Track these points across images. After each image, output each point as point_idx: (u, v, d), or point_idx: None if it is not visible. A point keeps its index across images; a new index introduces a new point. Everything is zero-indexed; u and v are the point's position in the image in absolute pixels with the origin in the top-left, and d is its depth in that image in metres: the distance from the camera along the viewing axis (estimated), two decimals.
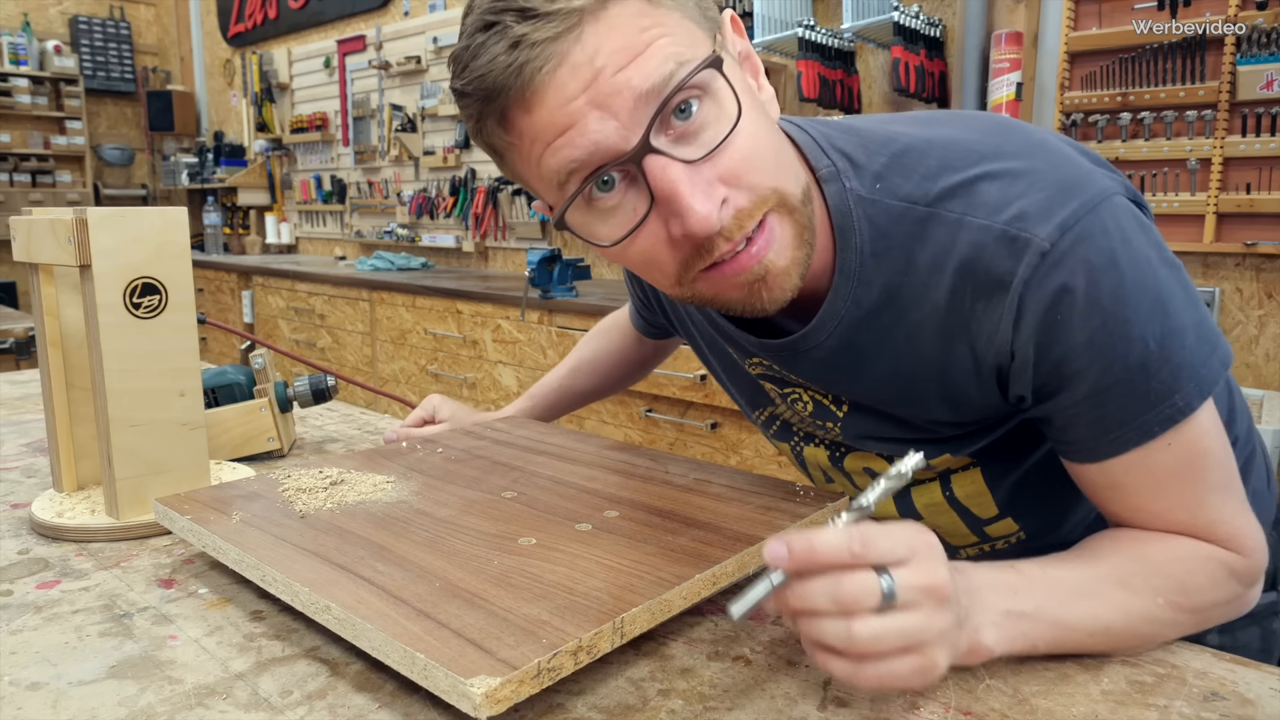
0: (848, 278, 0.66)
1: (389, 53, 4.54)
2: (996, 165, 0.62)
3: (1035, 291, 0.59)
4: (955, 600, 0.51)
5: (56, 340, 0.90)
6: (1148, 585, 0.62)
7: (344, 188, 5.06)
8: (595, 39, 0.53)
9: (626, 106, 0.54)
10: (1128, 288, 0.59)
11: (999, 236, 0.60)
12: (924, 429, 0.74)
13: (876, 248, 0.65)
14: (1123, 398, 0.61)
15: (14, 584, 0.73)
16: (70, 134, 6.27)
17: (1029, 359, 0.62)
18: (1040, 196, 0.60)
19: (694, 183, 0.55)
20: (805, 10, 2.70)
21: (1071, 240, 0.58)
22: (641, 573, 0.63)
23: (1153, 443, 0.62)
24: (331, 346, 4.09)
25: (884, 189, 0.64)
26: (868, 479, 0.81)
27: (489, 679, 0.49)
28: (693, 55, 0.55)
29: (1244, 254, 2.19)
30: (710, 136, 0.56)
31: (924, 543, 0.51)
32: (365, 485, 0.83)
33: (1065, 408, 0.63)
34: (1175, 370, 0.60)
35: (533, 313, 3.00)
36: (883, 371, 0.69)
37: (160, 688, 0.57)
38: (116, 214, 0.80)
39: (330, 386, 1.17)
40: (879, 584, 0.48)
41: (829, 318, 0.68)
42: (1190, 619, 0.64)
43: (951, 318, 0.64)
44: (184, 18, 6.49)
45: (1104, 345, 0.59)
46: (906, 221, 0.63)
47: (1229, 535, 0.64)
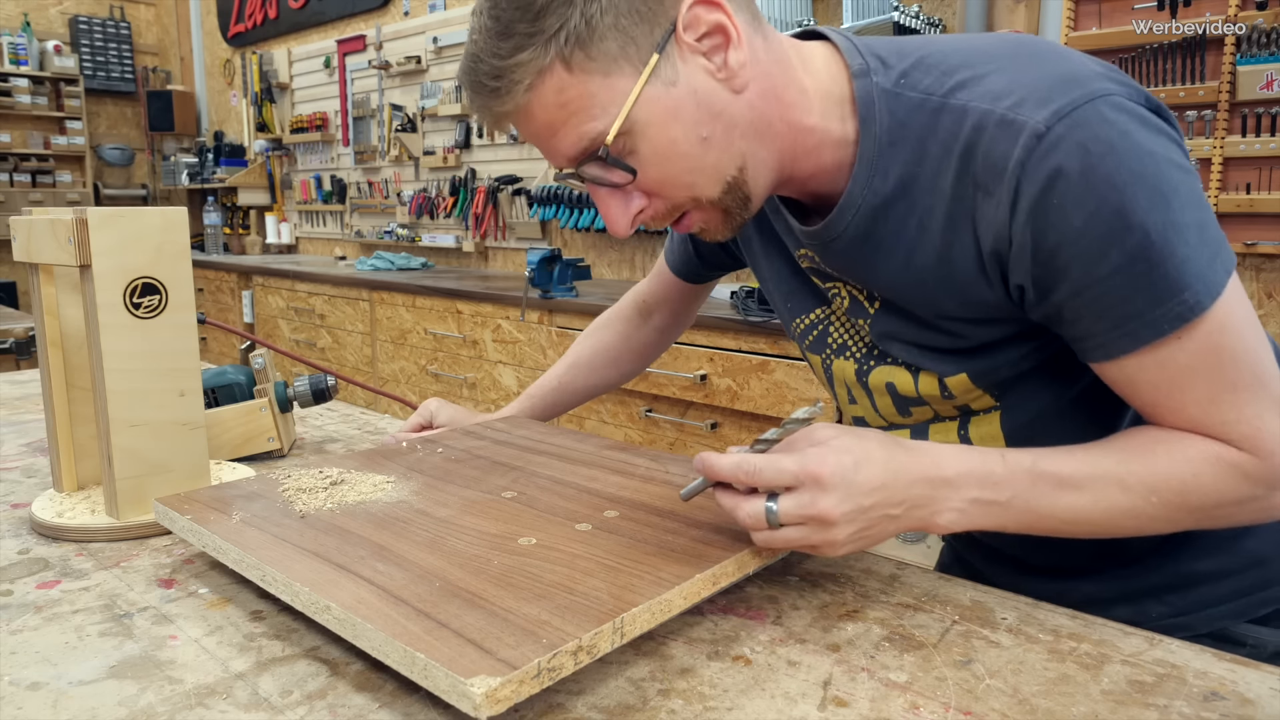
0: (866, 166, 0.71)
1: (389, 53, 4.54)
2: (1008, 62, 0.66)
3: (1030, 174, 0.62)
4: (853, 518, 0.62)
5: (56, 340, 0.90)
6: (1144, 484, 0.65)
7: (344, 188, 5.06)
8: (526, 125, 0.69)
9: (561, 159, 0.70)
10: (1125, 174, 0.60)
11: (998, 121, 0.63)
12: (943, 331, 0.75)
13: (894, 137, 0.69)
14: (1127, 288, 0.62)
15: (14, 584, 0.73)
16: (70, 134, 6.27)
17: (1026, 244, 0.64)
18: (1042, 86, 0.63)
19: (612, 201, 0.71)
20: (805, 10, 2.70)
21: (1067, 125, 0.61)
22: (641, 573, 0.63)
23: (1164, 340, 0.63)
24: (331, 346, 4.09)
25: (906, 83, 0.69)
26: (889, 401, 0.83)
27: (489, 679, 0.49)
28: (607, 120, 0.66)
29: (1244, 254, 2.19)
30: (631, 160, 0.68)
31: (812, 474, 0.61)
32: (365, 485, 0.83)
33: (1069, 299, 0.65)
34: (1180, 265, 0.61)
35: (533, 313, 3.00)
36: (898, 262, 0.73)
37: (160, 688, 0.57)
38: (116, 214, 0.80)
39: (330, 386, 1.17)
40: (764, 509, 0.62)
41: (848, 207, 0.73)
42: (1190, 517, 0.66)
43: (956, 204, 0.67)
44: (184, 18, 6.49)
45: (1100, 230, 0.61)
46: (922, 112, 0.68)
47: (1244, 435, 0.64)
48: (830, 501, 0.61)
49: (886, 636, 0.65)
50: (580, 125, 0.66)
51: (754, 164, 0.71)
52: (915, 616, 0.68)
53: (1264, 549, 0.80)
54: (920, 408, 0.81)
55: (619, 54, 0.65)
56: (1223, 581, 0.80)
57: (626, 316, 1.20)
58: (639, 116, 0.66)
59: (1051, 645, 0.64)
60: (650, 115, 0.66)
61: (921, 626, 0.67)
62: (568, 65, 0.65)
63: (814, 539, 0.63)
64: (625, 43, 0.65)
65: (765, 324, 2.27)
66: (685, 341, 2.50)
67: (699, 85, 0.67)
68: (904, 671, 0.60)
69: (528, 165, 3.92)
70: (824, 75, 0.72)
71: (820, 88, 0.72)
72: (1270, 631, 0.80)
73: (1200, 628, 0.80)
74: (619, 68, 0.65)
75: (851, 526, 0.63)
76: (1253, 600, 0.80)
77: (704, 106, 0.67)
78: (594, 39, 0.64)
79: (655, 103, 0.66)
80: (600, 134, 0.66)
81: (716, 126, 0.68)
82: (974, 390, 0.77)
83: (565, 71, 0.65)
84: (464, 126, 4.15)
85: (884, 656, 0.62)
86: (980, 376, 0.76)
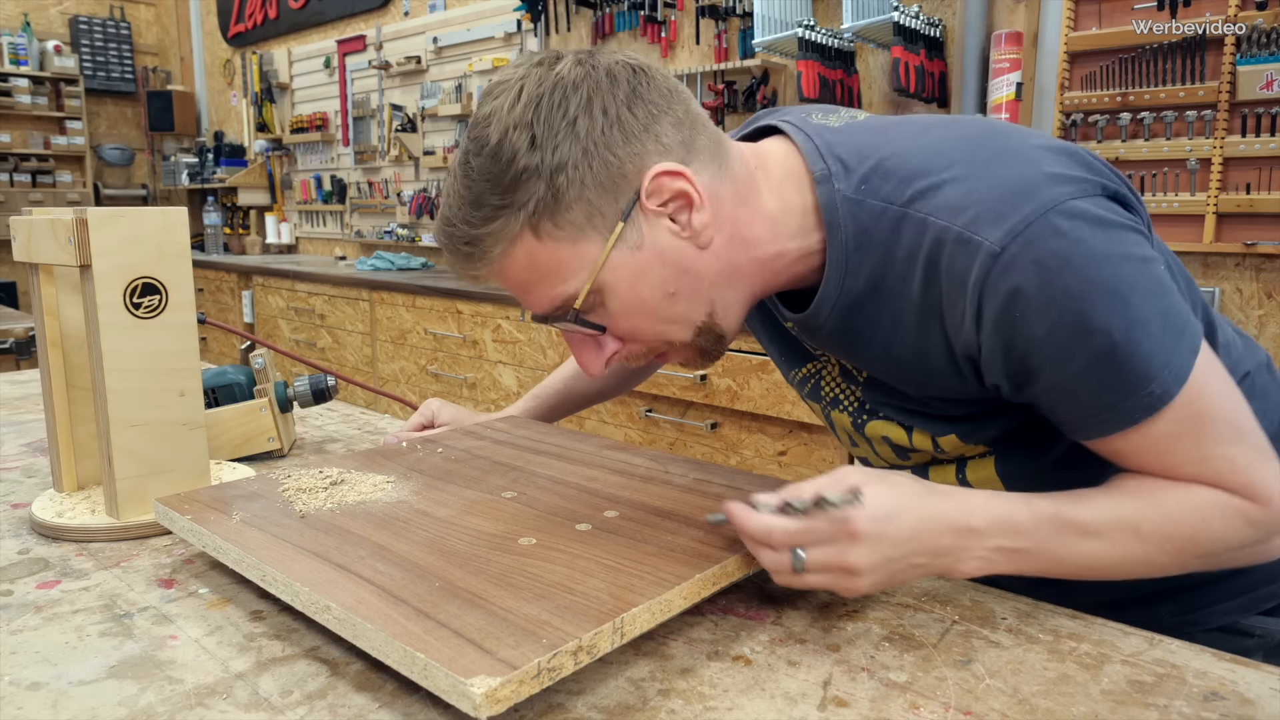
0: (836, 268, 0.73)
1: (389, 53, 4.54)
2: (963, 170, 0.67)
3: (990, 292, 0.64)
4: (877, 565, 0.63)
5: (56, 340, 0.90)
6: (1160, 533, 0.66)
7: (344, 188, 5.06)
8: (501, 282, 0.72)
9: (536, 310, 0.73)
10: (1082, 284, 0.62)
11: (956, 238, 0.65)
12: (930, 407, 0.78)
13: (860, 242, 0.71)
14: (1097, 385, 0.65)
15: (14, 584, 0.73)
16: (70, 134, 6.27)
17: (995, 351, 0.67)
18: (994, 199, 0.64)
19: (585, 346, 0.75)
20: (805, 10, 2.70)
21: (1021, 244, 0.63)
22: (641, 573, 0.63)
23: (1138, 426, 0.66)
24: (331, 346, 4.09)
25: (867, 190, 0.71)
26: (887, 448, 0.85)
27: (489, 679, 0.49)
28: (576, 283, 0.69)
29: (1244, 254, 2.19)
30: (599, 314, 0.72)
31: (848, 532, 0.62)
32: (365, 485, 0.83)
33: (1042, 394, 0.68)
34: (1146, 359, 0.63)
35: None
36: (879, 350, 0.75)
37: (160, 688, 0.57)
38: (116, 214, 0.80)
39: (330, 386, 1.17)
40: (789, 560, 0.64)
41: (824, 302, 0.75)
42: (1198, 562, 0.68)
43: (926, 308, 0.70)
44: (184, 18, 6.49)
45: (1064, 337, 0.63)
46: (885, 220, 0.70)
47: (1241, 484, 0.66)
48: (860, 554, 0.63)
49: (886, 636, 0.65)
50: (551, 288, 0.70)
51: (723, 306, 0.74)
52: (915, 616, 0.68)
53: None
54: (917, 454, 0.85)
55: (585, 223, 0.68)
56: (1230, 579, 0.81)
57: None
58: (607, 279, 0.69)
59: (1051, 645, 0.64)
60: (618, 278, 0.70)
61: (921, 626, 0.67)
62: (536, 234, 0.68)
63: (838, 585, 0.64)
64: (591, 212, 0.68)
65: None
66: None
67: (665, 246, 0.70)
68: (904, 671, 0.60)
69: None
70: (787, 187, 0.74)
71: (783, 204, 0.74)
72: (1278, 622, 0.82)
73: (1210, 623, 0.82)
74: (585, 235, 0.68)
75: (877, 575, 0.64)
76: (1259, 595, 0.82)
77: (670, 265, 0.70)
78: (561, 209, 0.67)
79: (622, 266, 0.69)
80: (570, 296, 0.70)
81: (684, 282, 0.71)
82: (966, 447, 0.80)
83: (534, 239, 0.68)
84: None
85: (884, 656, 0.62)
86: (970, 436, 0.79)
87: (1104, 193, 0.66)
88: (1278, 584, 0.82)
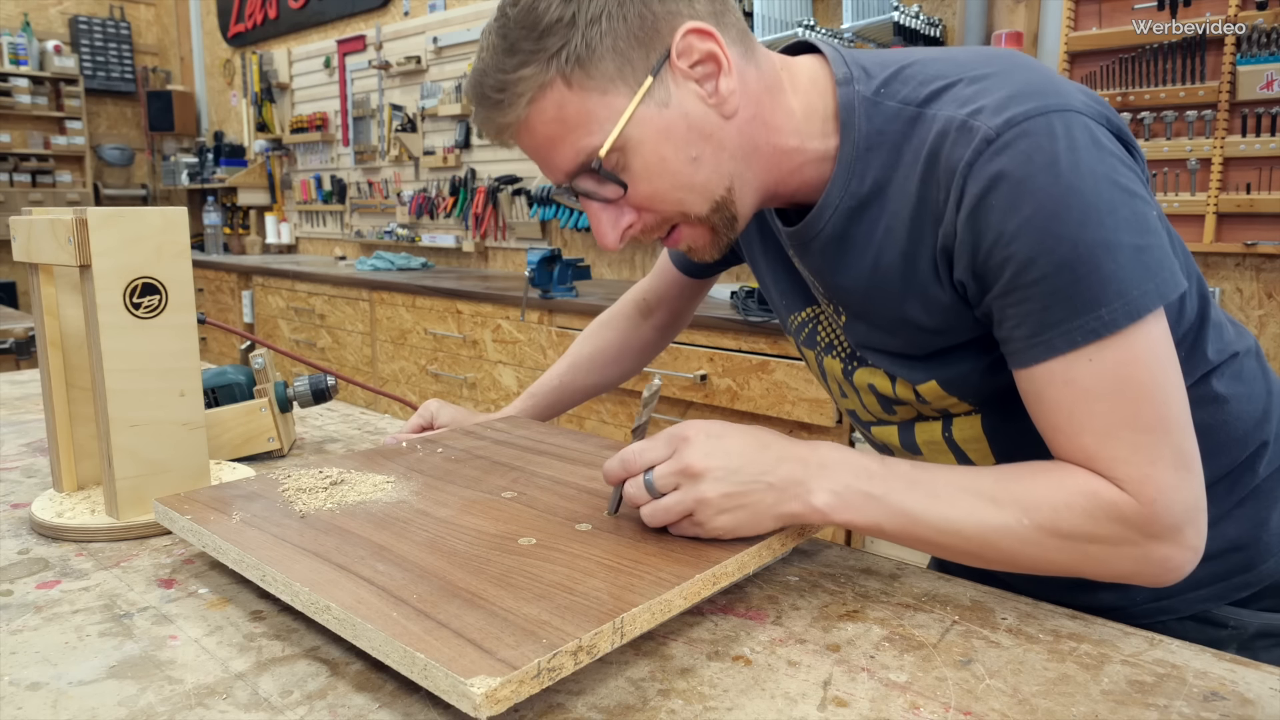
0: (845, 169, 0.75)
1: (389, 53, 4.54)
2: (979, 72, 0.69)
3: (976, 174, 0.65)
4: (720, 476, 0.66)
5: (56, 340, 0.90)
6: (1016, 504, 0.66)
7: (344, 188, 5.06)
8: (526, 138, 0.73)
9: (558, 173, 0.74)
10: (1062, 189, 0.62)
11: (959, 125, 0.67)
12: (904, 338, 0.78)
13: (871, 143, 0.73)
14: (1048, 297, 0.64)
15: (14, 584, 0.73)
16: (70, 134, 6.27)
17: (966, 240, 0.67)
18: (1005, 95, 0.66)
19: (603, 215, 0.74)
20: (805, 10, 2.70)
21: (1017, 133, 0.64)
22: (641, 573, 0.63)
23: (1075, 353, 0.64)
24: (331, 346, 4.09)
25: (886, 92, 0.73)
26: (873, 398, 0.86)
27: (489, 679, 0.49)
28: (602, 135, 0.70)
29: (1244, 254, 2.19)
30: (623, 176, 0.72)
31: (680, 439, 0.68)
32: (365, 485, 0.83)
33: (999, 298, 0.67)
34: (1103, 282, 0.62)
35: (533, 313, 3.00)
36: (867, 264, 0.76)
37: (160, 688, 0.57)
38: (116, 214, 0.80)
39: (330, 386, 1.17)
40: (644, 481, 0.68)
41: (826, 206, 0.76)
42: (1064, 547, 0.66)
43: (921, 206, 0.71)
44: (184, 18, 6.49)
45: (1031, 237, 0.63)
46: (899, 120, 0.72)
47: (1129, 477, 0.64)
48: (695, 454, 0.66)
49: (886, 636, 0.65)
50: (577, 141, 0.71)
51: (741, 185, 0.74)
52: (915, 616, 0.68)
53: (1242, 535, 0.81)
54: (903, 407, 0.84)
55: (616, 75, 0.69)
56: (1204, 566, 0.78)
57: (627, 315, 1.21)
58: (632, 134, 0.70)
59: (1051, 645, 0.64)
60: (643, 133, 0.70)
61: (921, 626, 0.67)
62: (568, 82, 0.69)
63: (688, 500, 0.66)
64: (622, 64, 0.69)
65: (765, 324, 2.27)
66: (685, 341, 2.49)
67: (690, 109, 0.71)
68: (904, 671, 0.60)
69: (528, 165, 3.92)
70: (811, 92, 0.76)
71: (807, 106, 0.75)
72: (1251, 614, 0.81)
73: (1183, 610, 0.82)
74: (615, 87, 0.69)
75: (722, 485, 0.66)
76: (1232, 584, 0.81)
77: (695, 129, 0.71)
78: (593, 59, 0.68)
79: (648, 122, 0.70)
80: (595, 149, 0.70)
81: (706, 148, 0.72)
82: (947, 398, 0.79)
83: (565, 88, 0.69)
84: (464, 126, 4.15)
85: (884, 656, 0.62)
86: (950, 385, 0.78)
87: (1110, 126, 0.67)
88: (1251, 573, 0.81)
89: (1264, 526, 0.81)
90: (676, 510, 0.67)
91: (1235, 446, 0.81)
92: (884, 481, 0.68)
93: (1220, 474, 0.80)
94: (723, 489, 0.66)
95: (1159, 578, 0.67)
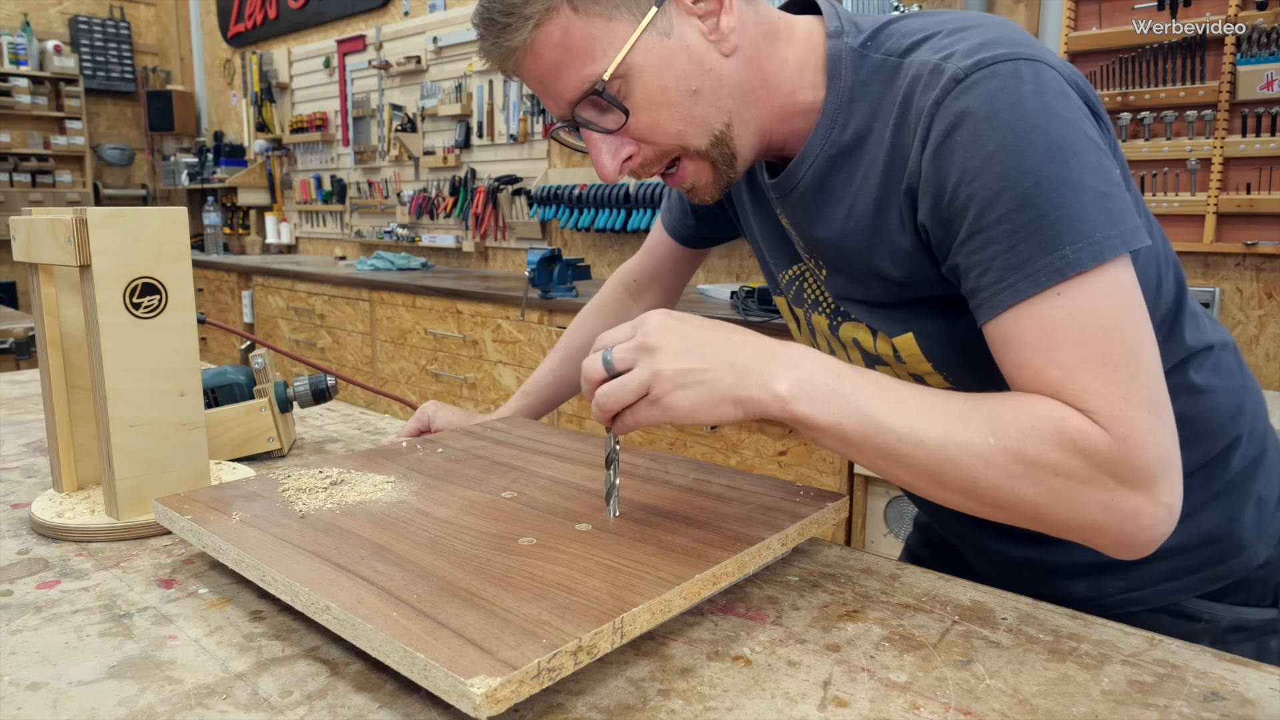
0: (828, 118, 0.77)
1: (389, 53, 4.54)
2: (961, 25, 0.71)
3: (942, 112, 0.66)
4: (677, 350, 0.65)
5: (56, 340, 0.90)
6: (984, 424, 0.63)
7: (344, 188, 5.06)
8: (531, 65, 0.74)
9: (561, 102, 0.75)
10: (1025, 125, 0.63)
11: (931, 69, 0.69)
12: (881, 291, 0.79)
13: (855, 93, 0.75)
14: (1013, 236, 0.63)
15: (14, 584, 0.73)
16: (70, 134, 6.27)
17: (930, 179, 0.68)
18: (979, 42, 0.67)
19: (603, 145, 0.75)
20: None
21: (984, 74, 0.65)
22: (641, 573, 0.63)
23: (1041, 294, 0.62)
24: (331, 346, 4.09)
25: (872, 45, 0.75)
26: (858, 353, 0.86)
27: (489, 679, 0.49)
28: (606, 61, 0.71)
29: (1244, 254, 2.19)
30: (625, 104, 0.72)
31: (640, 319, 0.68)
32: (365, 485, 0.83)
33: (964, 243, 0.66)
34: (1065, 219, 0.62)
35: (533, 313, 3.00)
36: (843, 213, 0.78)
37: (160, 688, 0.57)
38: (116, 214, 0.80)
39: (330, 386, 1.17)
40: (601, 358, 0.68)
41: (808, 155, 0.78)
42: (1025, 473, 0.61)
43: (894, 153, 0.72)
44: (184, 18, 6.49)
45: (994, 172, 0.63)
46: (882, 71, 0.74)
47: (1103, 409, 0.61)
48: (654, 329, 0.66)
49: (886, 636, 0.65)
50: (582, 68, 0.72)
51: (739, 123, 0.76)
52: (915, 616, 0.68)
53: (1215, 528, 0.82)
54: (883, 367, 0.84)
55: (621, 1, 0.71)
56: (1176, 558, 0.80)
57: (616, 299, 1.20)
58: (635, 61, 0.71)
59: (1051, 645, 0.64)
60: (645, 61, 0.72)
61: (921, 626, 0.67)
62: (574, 6, 0.71)
63: (644, 374, 0.65)
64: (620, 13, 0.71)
65: (765, 324, 2.27)
66: None
67: (691, 42, 0.73)
68: (904, 671, 0.60)
69: (528, 165, 3.92)
70: (804, 45, 0.78)
71: (800, 58, 0.78)
72: (1224, 607, 0.81)
73: (1155, 601, 0.82)
74: (620, 14, 0.71)
75: (679, 360, 0.65)
76: (1204, 576, 0.81)
77: (695, 61, 0.73)
78: None
79: (650, 50, 0.72)
80: (598, 75, 0.72)
81: (705, 81, 0.74)
82: (924, 361, 0.79)
83: (571, 12, 0.71)
84: (464, 126, 4.15)
85: (884, 656, 0.62)
86: (925, 340, 0.78)
87: (1080, 92, 0.67)
88: (1223, 566, 0.81)
89: (1237, 521, 0.82)
90: (631, 387, 0.65)
91: (1211, 439, 0.81)
92: (851, 381, 0.65)
93: (1195, 466, 0.80)
94: (679, 364, 0.65)
95: (1128, 535, 0.62)
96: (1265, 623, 0.82)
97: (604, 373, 0.67)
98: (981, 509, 0.65)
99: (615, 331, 0.69)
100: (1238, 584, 0.81)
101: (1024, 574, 0.86)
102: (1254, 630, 0.81)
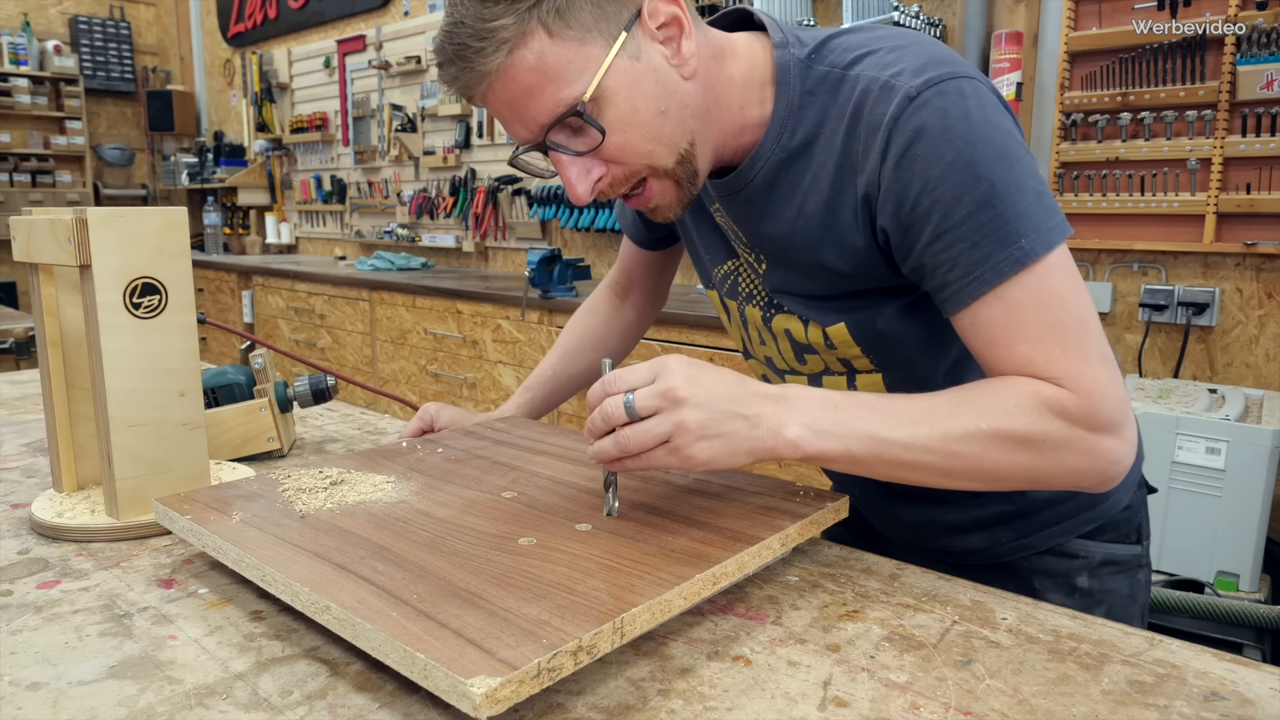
0: (779, 123, 0.81)
1: (389, 53, 4.54)
2: (897, 43, 0.77)
3: (900, 128, 0.72)
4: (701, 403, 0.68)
5: (56, 340, 0.90)
6: (973, 414, 0.71)
7: (344, 188, 5.06)
8: (503, 90, 0.74)
9: (533, 126, 0.75)
10: (975, 139, 0.71)
11: (881, 85, 0.74)
12: (820, 282, 0.85)
13: (803, 101, 0.80)
14: (976, 234, 0.71)
15: (14, 584, 0.73)
16: (70, 134, 6.27)
17: (892, 189, 0.74)
18: (919, 62, 0.74)
19: (573, 168, 0.77)
20: (805, 10, 2.70)
21: (934, 93, 0.72)
22: (641, 573, 0.63)
23: (1006, 282, 0.71)
24: (331, 346, 4.09)
25: (816, 58, 0.81)
26: (788, 344, 0.92)
27: (489, 679, 0.49)
28: (581, 84, 0.73)
29: (1244, 254, 2.19)
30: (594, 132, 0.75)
31: (662, 366, 0.69)
32: (365, 485, 0.83)
33: (930, 244, 0.73)
34: (1018, 216, 0.70)
35: (533, 313, 3.00)
36: (792, 212, 0.83)
37: (160, 688, 0.57)
38: (116, 214, 0.80)
39: (330, 386, 1.17)
40: (623, 399, 0.69)
41: (759, 158, 0.82)
42: (1018, 447, 0.70)
43: (844, 159, 0.78)
44: (184, 18, 6.49)
45: (954, 180, 0.71)
46: (827, 82, 0.79)
47: (1067, 374, 0.70)
48: (678, 380, 0.68)
49: (886, 636, 0.65)
50: (557, 91, 0.73)
51: (700, 141, 0.80)
52: (915, 616, 0.68)
53: None
54: (813, 356, 0.91)
55: (593, 25, 0.73)
56: (1056, 507, 0.92)
57: (606, 299, 1.26)
58: (608, 84, 0.73)
59: (1051, 645, 0.64)
60: (617, 84, 0.74)
61: (921, 626, 0.67)
62: (548, 31, 0.72)
63: (668, 424, 0.68)
64: (599, 16, 0.73)
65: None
66: (684, 341, 2.50)
67: (657, 65, 0.76)
68: (904, 671, 0.60)
69: None
70: (746, 60, 0.82)
71: (744, 73, 0.81)
72: (1097, 544, 0.93)
73: (1040, 545, 0.93)
74: (592, 38, 0.73)
75: (701, 412, 0.68)
76: (1080, 520, 0.93)
77: (661, 84, 0.76)
78: (572, 10, 0.72)
79: (622, 73, 0.74)
80: (573, 98, 0.73)
81: (671, 103, 0.77)
82: (853, 346, 0.86)
83: (545, 36, 0.72)
84: (464, 126, 4.15)
85: (884, 656, 0.62)
86: (857, 328, 0.85)
87: (998, 98, 0.75)
88: (1095, 510, 0.92)
89: None
90: (655, 434, 0.68)
91: None
92: (849, 410, 0.71)
93: None
94: (702, 416, 0.68)
95: (1105, 472, 0.72)
96: (1132, 557, 0.95)
97: (624, 416, 0.69)
98: (985, 485, 0.73)
99: (632, 374, 0.70)
100: (1107, 524, 0.93)
101: (930, 533, 0.96)
102: (1124, 564, 0.94)
